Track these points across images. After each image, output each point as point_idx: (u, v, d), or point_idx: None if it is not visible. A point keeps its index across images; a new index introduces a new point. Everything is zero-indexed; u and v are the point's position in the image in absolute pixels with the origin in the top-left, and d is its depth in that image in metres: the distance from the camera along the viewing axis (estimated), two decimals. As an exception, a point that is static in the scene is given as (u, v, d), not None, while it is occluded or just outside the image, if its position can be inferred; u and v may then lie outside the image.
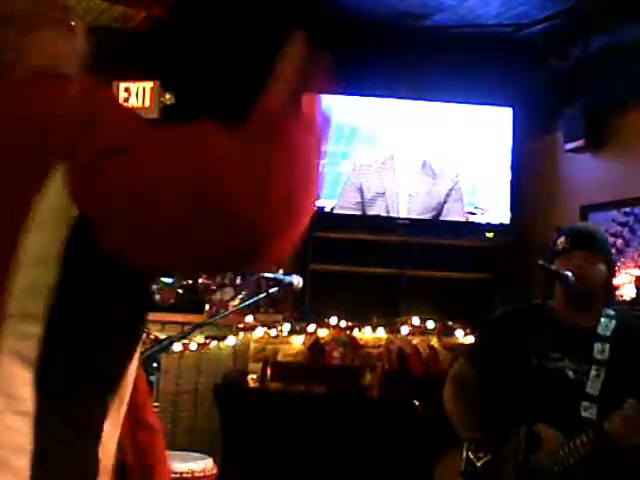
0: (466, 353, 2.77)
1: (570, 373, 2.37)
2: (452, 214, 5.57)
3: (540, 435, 2.23)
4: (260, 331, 4.88)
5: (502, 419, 2.37)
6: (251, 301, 3.49)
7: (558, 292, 2.35)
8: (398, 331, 4.78)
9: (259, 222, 0.79)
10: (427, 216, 5.53)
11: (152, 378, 2.56)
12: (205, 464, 3.86)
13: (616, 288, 2.66)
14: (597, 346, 2.38)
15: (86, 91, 0.91)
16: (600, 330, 2.41)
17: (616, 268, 2.60)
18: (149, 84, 5.75)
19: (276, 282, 3.12)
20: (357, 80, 5.38)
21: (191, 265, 0.86)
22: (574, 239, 2.43)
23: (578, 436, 2.21)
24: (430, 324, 4.78)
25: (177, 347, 4.51)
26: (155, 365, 2.63)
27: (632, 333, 2.44)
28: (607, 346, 2.37)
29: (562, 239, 2.46)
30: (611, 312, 2.48)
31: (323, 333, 4.83)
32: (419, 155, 5.57)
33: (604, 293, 2.50)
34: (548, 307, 2.43)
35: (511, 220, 5.55)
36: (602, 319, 2.44)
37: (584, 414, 2.29)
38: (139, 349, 0.97)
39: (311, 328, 4.84)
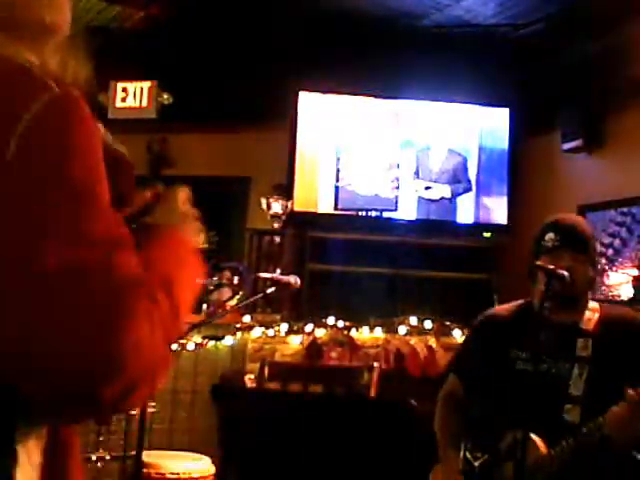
0: (451, 364, 2.75)
1: (553, 373, 2.30)
2: (450, 214, 5.57)
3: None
4: (258, 331, 4.88)
5: (492, 424, 2.35)
6: (249, 301, 3.50)
7: (544, 291, 2.30)
8: (396, 331, 4.78)
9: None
10: (425, 216, 5.53)
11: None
12: (203, 464, 3.87)
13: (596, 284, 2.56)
14: (580, 342, 2.31)
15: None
16: (582, 325, 2.34)
17: (598, 265, 2.52)
18: (147, 84, 5.75)
19: (274, 282, 3.12)
20: (355, 80, 5.39)
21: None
22: (563, 238, 2.34)
23: (565, 439, 2.16)
24: (428, 324, 4.78)
25: (174, 347, 4.50)
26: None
27: (616, 325, 2.34)
28: (589, 341, 2.30)
29: (550, 236, 2.36)
30: (595, 305, 2.41)
31: (321, 333, 4.83)
32: (417, 155, 5.57)
33: (589, 291, 2.45)
34: (532, 306, 2.40)
35: (509, 220, 5.55)
36: (585, 312, 2.37)
37: (567, 417, 2.23)
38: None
39: (309, 328, 4.84)
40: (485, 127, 5.62)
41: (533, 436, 2.18)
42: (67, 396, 0.79)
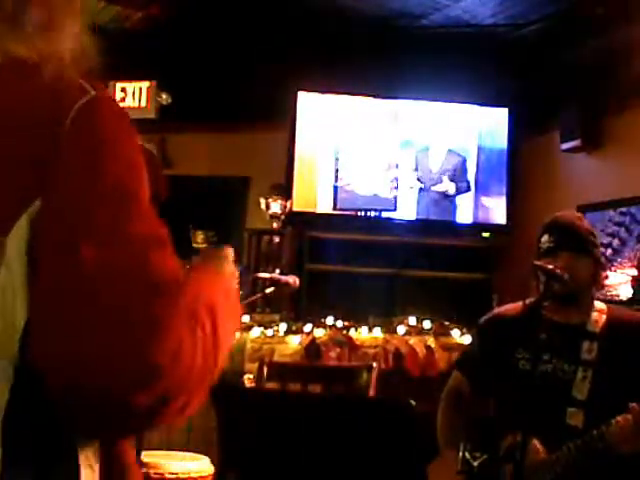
0: (458, 362, 2.73)
1: (558, 375, 2.28)
2: (449, 214, 5.57)
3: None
4: (256, 331, 4.87)
5: (494, 424, 2.33)
6: (247, 301, 3.49)
7: (543, 291, 2.29)
8: (395, 331, 4.77)
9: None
10: (424, 216, 5.53)
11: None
12: (202, 464, 3.86)
13: (604, 279, 2.53)
14: (585, 344, 2.28)
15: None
16: (589, 327, 2.32)
17: (603, 259, 2.50)
18: (146, 84, 5.75)
19: (272, 282, 3.12)
20: (354, 80, 5.39)
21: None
22: (558, 239, 2.33)
23: (566, 444, 2.12)
24: (427, 324, 4.78)
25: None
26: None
27: (623, 328, 2.31)
28: (595, 344, 2.27)
29: (545, 238, 2.36)
30: (602, 306, 2.38)
31: (320, 333, 4.82)
32: (416, 155, 5.57)
33: (593, 288, 2.41)
34: (537, 306, 2.39)
35: (508, 220, 5.55)
36: (592, 314, 2.34)
37: (570, 421, 2.20)
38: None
39: (307, 328, 4.83)
40: (484, 127, 5.62)
41: (533, 439, 2.17)
42: (98, 401, 0.76)
